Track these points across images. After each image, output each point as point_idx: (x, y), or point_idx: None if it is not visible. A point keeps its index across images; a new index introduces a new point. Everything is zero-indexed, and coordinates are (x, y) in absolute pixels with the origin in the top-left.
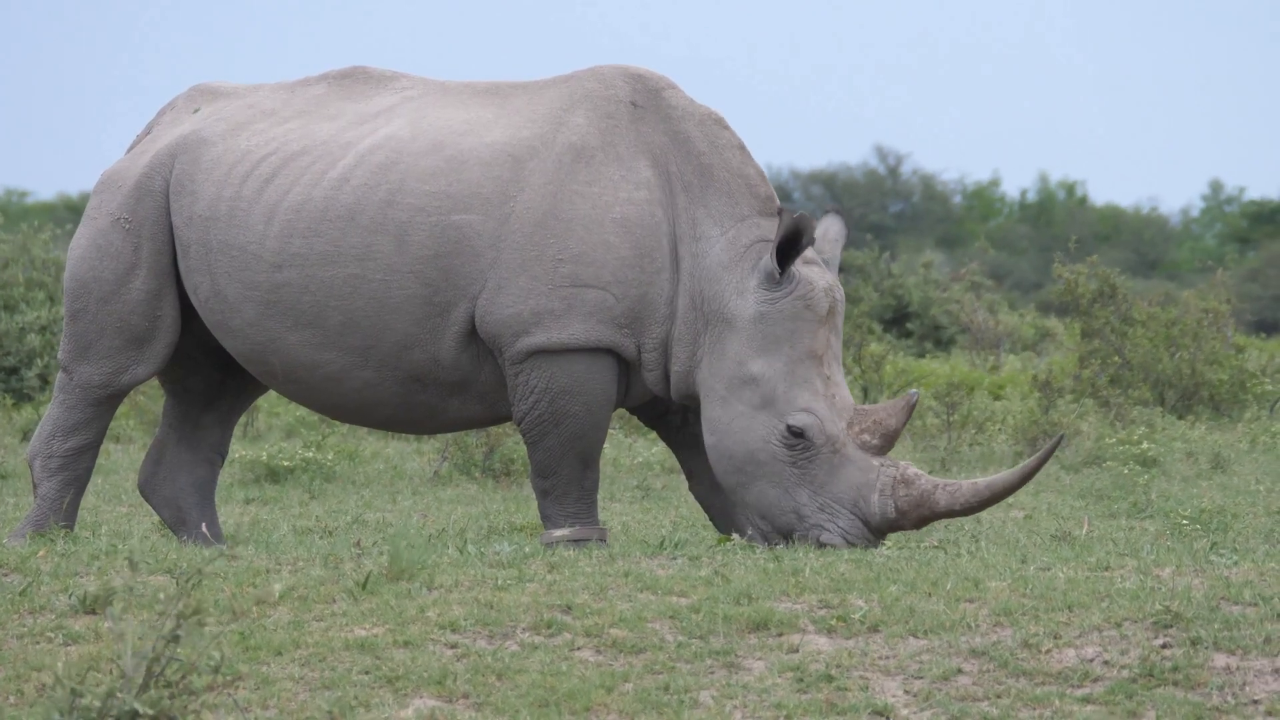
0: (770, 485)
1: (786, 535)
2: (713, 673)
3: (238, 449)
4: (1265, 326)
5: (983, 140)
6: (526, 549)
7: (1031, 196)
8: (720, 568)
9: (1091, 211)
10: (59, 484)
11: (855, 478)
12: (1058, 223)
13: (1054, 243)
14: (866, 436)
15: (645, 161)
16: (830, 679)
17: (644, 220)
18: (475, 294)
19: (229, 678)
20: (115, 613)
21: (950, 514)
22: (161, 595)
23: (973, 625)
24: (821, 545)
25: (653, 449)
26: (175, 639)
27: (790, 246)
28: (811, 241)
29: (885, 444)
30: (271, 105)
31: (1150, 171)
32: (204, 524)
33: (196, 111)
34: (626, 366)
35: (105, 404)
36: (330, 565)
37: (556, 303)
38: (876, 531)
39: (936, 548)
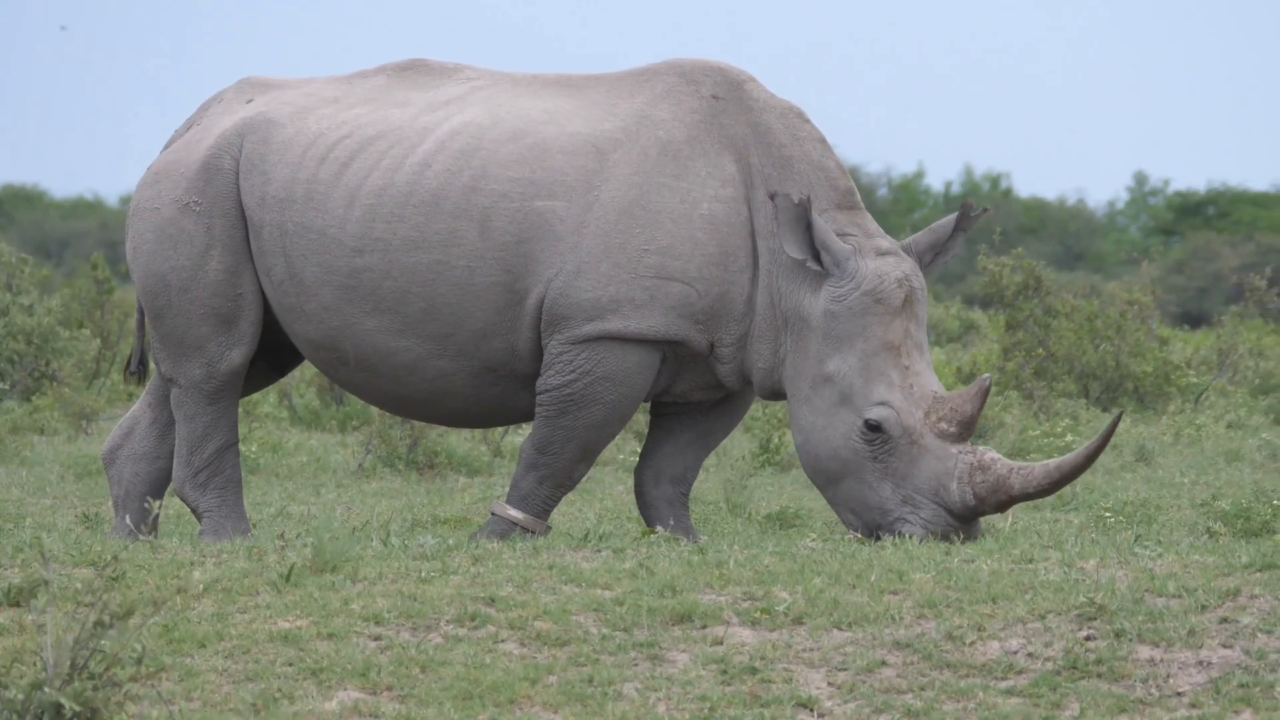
0: (855, 482)
1: (873, 531)
2: (637, 665)
3: None
4: (1190, 318)
5: (908, 133)
6: (450, 541)
7: (956, 189)
8: (645, 560)
9: (1016, 203)
10: (215, 494)
11: (934, 467)
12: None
13: (979, 235)
14: (944, 425)
15: (730, 156)
16: (754, 671)
17: (730, 218)
18: (551, 277)
19: (152, 670)
20: (39, 605)
21: (1025, 497)
22: (84, 588)
23: (897, 617)
24: (905, 538)
25: None
26: (99, 631)
27: (803, 235)
28: (810, 225)
29: (963, 430)
30: (333, 94)
31: (1075, 164)
32: (128, 517)
33: (250, 102)
34: (679, 361)
35: (220, 400)
36: (254, 557)
37: (639, 292)
38: (961, 519)
39: (860, 540)
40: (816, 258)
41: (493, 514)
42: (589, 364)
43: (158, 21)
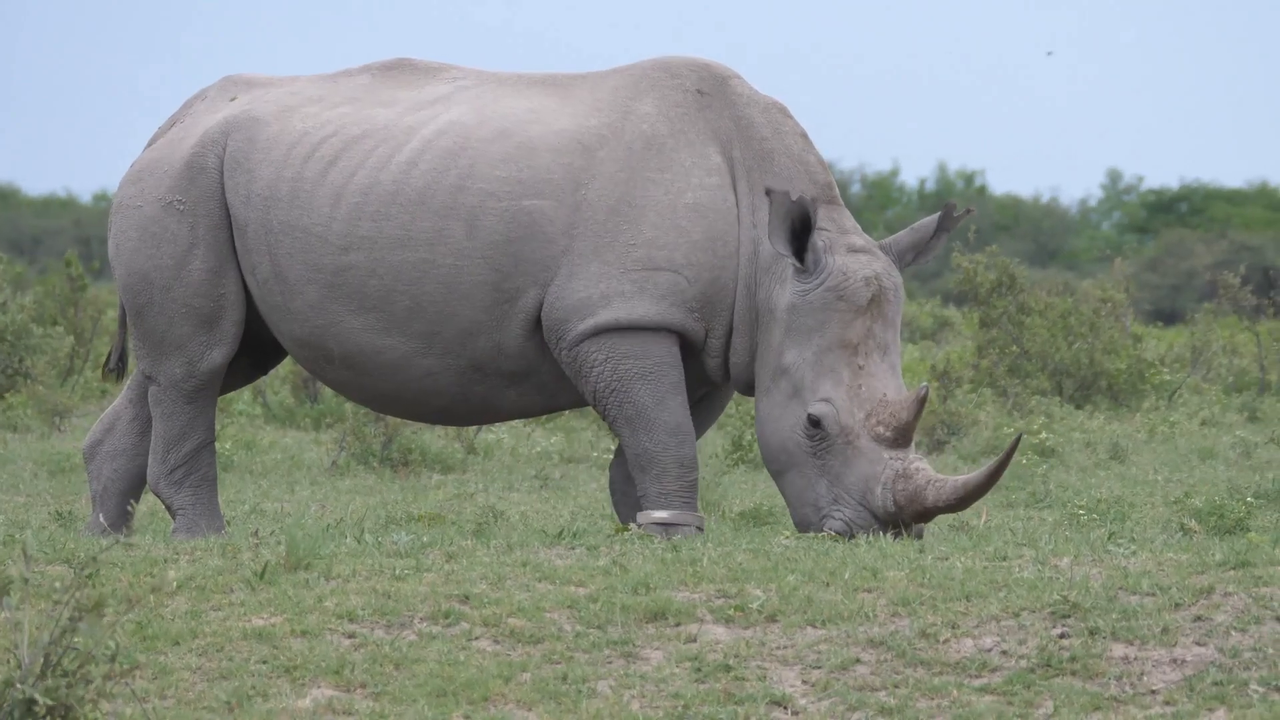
0: (798, 476)
1: (808, 528)
2: (611, 662)
3: None
4: (1163, 316)
5: (882, 130)
6: (424, 539)
7: (930, 186)
8: (618, 557)
9: (990, 201)
10: (189, 491)
11: (864, 470)
12: None
13: (954, 232)
14: (881, 429)
15: (715, 148)
16: (728, 669)
17: (716, 205)
18: (546, 281)
19: (126, 667)
20: (12, 603)
21: (938, 510)
22: (59, 585)
23: (871, 615)
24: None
25: (551, 439)
26: (73, 629)
27: (796, 231)
28: (813, 224)
29: (898, 436)
30: (317, 92)
31: (1049, 161)
32: (101, 514)
33: (233, 100)
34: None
35: (198, 399)
36: (228, 555)
37: (627, 285)
38: (885, 524)
39: (834, 537)
40: (799, 255)
41: (643, 526)
42: (602, 351)
43: (133, 17)
